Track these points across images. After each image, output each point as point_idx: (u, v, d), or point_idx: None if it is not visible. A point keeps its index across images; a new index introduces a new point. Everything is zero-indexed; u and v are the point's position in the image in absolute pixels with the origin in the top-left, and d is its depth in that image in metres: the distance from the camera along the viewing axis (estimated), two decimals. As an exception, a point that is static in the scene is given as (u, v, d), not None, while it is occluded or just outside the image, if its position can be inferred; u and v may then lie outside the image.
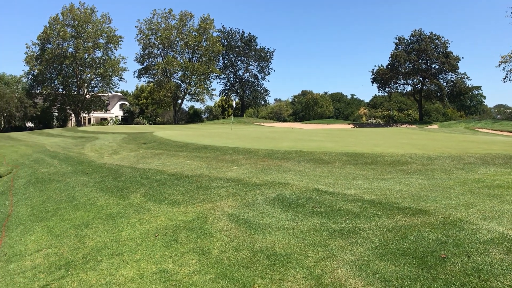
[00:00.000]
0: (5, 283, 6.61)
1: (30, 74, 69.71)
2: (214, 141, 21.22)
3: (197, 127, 53.06)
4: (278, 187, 9.67)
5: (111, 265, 6.39)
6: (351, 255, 5.54)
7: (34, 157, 24.68)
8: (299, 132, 33.82)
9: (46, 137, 43.63)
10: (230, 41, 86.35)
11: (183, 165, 14.91)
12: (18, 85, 76.89)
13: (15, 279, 6.68)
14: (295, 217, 7.39)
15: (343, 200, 8.05)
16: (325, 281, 4.94)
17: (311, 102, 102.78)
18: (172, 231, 7.51)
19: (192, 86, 78.16)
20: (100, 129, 48.55)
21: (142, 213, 9.16)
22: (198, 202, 9.34)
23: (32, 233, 9.37)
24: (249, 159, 14.51)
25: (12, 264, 7.53)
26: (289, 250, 5.94)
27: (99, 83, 73.73)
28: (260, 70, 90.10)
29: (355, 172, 11.26)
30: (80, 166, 17.96)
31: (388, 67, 74.91)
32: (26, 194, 14.10)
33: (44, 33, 66.75)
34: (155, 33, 75.47)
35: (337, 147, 16.32)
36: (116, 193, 11.60)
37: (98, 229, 8.52)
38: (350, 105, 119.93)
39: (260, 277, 5.25)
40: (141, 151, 20.93)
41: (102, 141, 29.31)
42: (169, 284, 5.43)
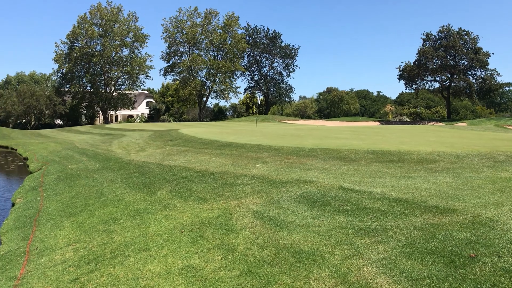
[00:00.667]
0: (37, 276, 6.80)
1: (59, 73, 71.33)
2: (239, 139, 21.29)
3: (221, 125, 53.33)
4: (303, 185, 9.64)
5: (139, 260, 6.50)
6: (377, 253, 5.49)
7: (63, 154, 25.25)
8: (324, 130, 33.64)
9: (75, 134, 44.57)
10: (254, 39, 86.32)
11: (209, 162, 15.02)
12: (48, 83, 78.88)
13: (46, 273, 6.86)
14: (320, 215, 7.36)
15: (369, 198, 7.98)
16: (351, 279, 4.91)
17: (336, 99, 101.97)
18: (198, 227, 7.58)
19: (217, 83, 78.53)
20: (127, 127, 49.31)
21: (168, 209, 9.28)
22: (223, 199, 9.40)
23: (62, 228, 9.61)
24: (274, 157, 14.52)
25: (43, 258, 7.74)
26: (314, 247, 5.93)
27: (126, 81, 74.87)
28: (285, 67, 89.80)
29: (381, 170, 11.14)
30: (108, 163, 18.28)
31: (415, 64, 73.64)
32: (56, 190, 14.45)
33: (73, 32, 68.10)
34: (181, 31, 76.06)
35: (363, 145, 16.16)
36: (143, 190, 11.77)
37: (125, 225, 8.67)
38: (376, 102, 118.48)
39: (285, 274, 5.25)
40: (167, 148, 21.16)
41: (129, 138, 29.77)
42: (195, 279, 5.49)
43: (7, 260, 8.14)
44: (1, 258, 8.38)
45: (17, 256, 8.24)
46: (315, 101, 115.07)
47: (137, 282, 5.68)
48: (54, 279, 6.51)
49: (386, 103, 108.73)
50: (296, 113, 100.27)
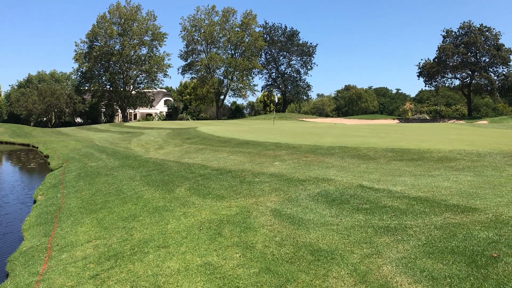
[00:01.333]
0: (58, 272, 6.91)
1: (79, 71, 72.40)
2: (256, 137, 21.30)
3: (239, 123, 53.42)
4: (322, 183, 9.60)
5: (158, 257, 6.55)
6: (397, 252, 5.44)
7: (83, 152, 25.60)
8: (342, 128, 33.43)
9: (94, 132, 45.15)
10: (272, 36, 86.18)
11: (226, 160, 15.06)
12: (68, 82, 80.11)
13: (67, 269, 6.97)
14: (339, 213, 7.32)
15: (389, 197, 7.90)
16: (370, 278, 4.87)
17: (354, 97, 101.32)
18: (216, 224, 7.61)
19: (235, 81, 78.67)
20: (145, 125, 49.76)
21: (187, 206, 9.33)
22: (241, 197, 9.41)
23: (82, 224, 9.74)
24: (292, 155, 14.48)
25: (64, 254, 7.86)
26: (333, 246, 5.89)
27: (144, 80, 75.58)
28: (303, 65, 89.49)
29: (401, 168, 11.02)
30: (127, 161, 18.48)
31: (435, 61, 72.63)
32: (76, 187, 14.66)
33: (92, 31, 68.97)
34: (199, 30, 76.37)
35: (382, 143, 16.02)
36: (161, 187, 11.87)
37: (144, 222, 8.76)
38: (395, 100, 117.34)
39: (304, 272, 5.24)
40: (185, 146, 21.29)
41: (148, 136, 30.03)
42: (214, 277, 5.51)
43: (29, 256, 8.29)
44: (23, 254, 8.54)
45: (39, 252, 8.39)
46: (333, 99, 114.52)
47: (157, 279, 5.72)
48: (75, 275, 6.61)
49: (405, 100, 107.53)
50: (313, 111, 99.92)
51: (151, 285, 5.57)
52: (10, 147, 41.01)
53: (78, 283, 6.23)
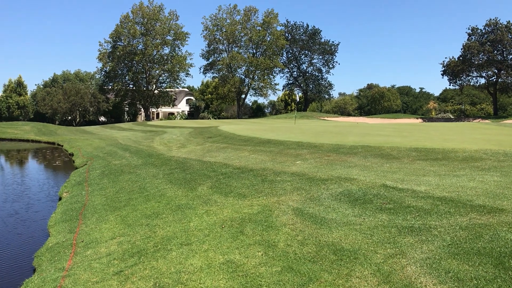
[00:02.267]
0: (83, 268, 7.03)
1: (102, 71, 73.47)
2: (278, 136, 21.27)
3: (260, 122, 53.45)
4: (344, 182, 9.53)
5: (181, 254, 6.61)
6: (421, 253, 5.36)
7: (107, 150, 25.98)
8: (364, 127, 33.13)
9: (118, 131, 45.76)
10: (294, 35, 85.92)
11: (248, 158, 15.08)
12: (92, 81, 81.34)
13: (92, 265, 7.09)
14: (362, 213, 7.26)
15: (413, 197, 7.80)
16: (394, 278, 4.82)
17: (377, 95, 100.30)
18: (238, 223, 7.63)
19: (256, 80, 78.72)
20: (168, 124, 50.20)
21: (209, 204, 9.39)
22: (263, 196, 9.42)
23: (106, 221, 9.89)
24: (314, 154, 14.42)
25: (89, 251, 7.99)
26: (356, 246, 5.85)
27: (166, 79, 76.23)
28: (324, 64, 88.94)
29: (425, 168, 10.86)
30: (150, 159, 18.67)
31: (460, 59, 71.34)
32: (101, 185, 14.88)
33: (116, 31, 69.89)
34: (220, 29, 76.67)
35: (405, 142, 15.81)
36: (184, 185, 11.96)
37: (167, 219, 8.84)
38: (419, 98, 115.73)
39: (326, 271, 5.21)
40: (207, 145, 21.41)
41: (170, 135, 30.30)
42: (236, 274, 5.53)
43: (55, 252, 8.46)
44: (49, 250, 8.71)
45: (64, 248, 8.55)
46: (355, 97, 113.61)
47: (180, 276, 5.77)
48: (100, 271, 6.72)
49: (429, 99, 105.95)
50: (335, 110, 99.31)
51: (174, 282, 5.62)
52: (36, 145, 41.88)
53: (103, 279, 6.33)
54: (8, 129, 53.64)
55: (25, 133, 50.75)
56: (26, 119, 71.27)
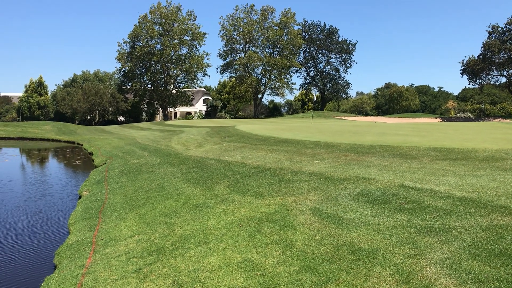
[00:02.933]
0: (103, 265, 7.12)
1: (121, 71, 74.25)
2: (295, 135, 21.23)
3: (277, 121, 53.38)
4: (362, 182, 9.47)
5: (199, 252, 6.65)
6: (441, 253, 5.30)
7: (126, 149, 26.25)
8: (382, 126, 32.85)
9: (136, 130, 46.20)
10: (311, 34, 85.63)
11: (265, 158, 15.09)
12: (111, 81, 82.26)
13: (111, 262, 7.17)
14: (380, 213, 7.21)
15: (432, 197, 7.71)
16: (413, 278, 4.77)
17: (395, 95, 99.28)
18: (256, 222, 7.64)
19: (273, 80, 78.70)
20: (185, 123, 50.52)
21: (226, 203, 9.42)
22: (280, 195, 9.41)
23: (125, 220, 10.00)
24: (331, 153, 14.36)
25: (108, 248, 8.09)
26: (374, 246, 5.81)
27: (184, 79, 76.67)
28: (342, 63, 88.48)
29: (444, 168, 10.73)
30: (168, 158, 18.81)
31: (479, 58, 70.13)
32: (120, 184, 15.05)
33: (134, 31, 70.57)
34: (237, 29, 76.82)
35: (424, 142, 15.64)
36: (201, 184, 12.02)
37: (185, 218, 8.90)
38: (437, 98, 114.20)
39: (345, 271, 5.19)
40: (224, 144, 21.48)
41: (188, 135, 30.47)
42: (254, 273, 5.54)
43: (75, 249, 8.58)
44: (70, 247, 8.85)
45: (84, 246, 8.67)
46: (373, 97, 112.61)
47: (198, 274, 5.81)
48: (119, 268, 6.80)
49: (448, 99, 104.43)
50: (353, 110, 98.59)
51: (192, 280, 5.66)
52: (56, 144, 42.53)
53: (122, 276, 6.41)
54: (29, 129, 54.59)
55: (46, 132, 51.59)
56: (46, 118, 72.41)
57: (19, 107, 69.58)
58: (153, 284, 5.82)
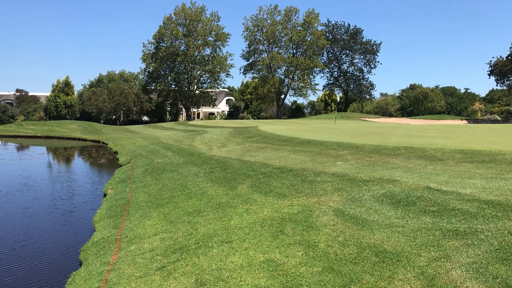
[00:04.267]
0: (127, 263, 7.23)
1: (146, 71, 75.11)
2: (318, 136, 21.13)
3: (299, 122, 53.23)
4: (386, 184, 9.38)
5: (221, 251, 6.69)
6: (467, 257, 5.21)
7: (150, 149, 26.56)
8: (407, 128, 32.42)
9: (160, 130, 46.71)
10: (335, 35, 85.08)
11: (287, 158, 15.07)
12: (136, 81, 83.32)
13: (136, 260, 7.28)
14: (405, 215, 7.12)
15: (458, 200, 7.58)
16: (438, 282, 4.70)
17: (420, 96, 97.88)
18: (278, 222, 7.65)
19: (296, 81, 78.52)
20: (208, 123, 50.83)
21: (249, 203, 9.45)
22: (303, 196, 9.39)
23: (149, 218, 10.13)
24: (355, 155, 14.25)
25: (133, 246, 8.20)
26: (399, 248, 5.75)
27: (207, 80, 77.15)
28: (366, 64, 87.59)
29: (470, 170, 10.53)
30: (191, 158, 18.97)
31: (508, 58, 68.60)
32: (144, 182, 15.24)
33: (159, 32, 71.35)
34: (261, 30, 76.91)
35: (450, 144, 15.37)
36: (224, 184, 12.08)
37: (208, 217, 8.96)
38: (464, 99, 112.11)
39: (368, 273, 5.15)
40: (246, 144, 21.53)
41: (211, 135, 30.66)
42: (276, 273, 5.55)
43: (100, 246, 8.73)
44: (95, 244, 9.01)
45: (109, 243, 8.81)
46: (397, 98, 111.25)
47: (221, 273, 5.85)
48: (143, 266, 6.89)
49: (475, 100, 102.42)
50: (377, 111, 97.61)
51: (215, 279, 5.70)
52: (82, 143, 43.33)
53: (146, 274, 6.49)
54: (56, 128, 55.77)
55: (72, 131, 52.61)
56: (72, 118, 73.77)
57: (47, 107, 71.06)
58: (177, 282, 5.88)
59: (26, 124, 60.13)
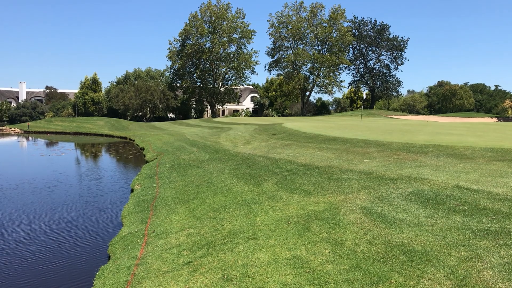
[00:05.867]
0: (154, 257, 7.32)
1: (172, 69, 75.83)
2: (343, 133, 20.96)
3: (324, 119, 52.88)
4: (415, 182, 9.23)
5: (247, 248, 6.70)
6: (499, 257, 5.09)
7: (176, 145, 26.82)
8: (435, 125, 31.85)
9: (186, 127, 47.09)
10: (361, 31, 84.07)
11: (313, 156, 14.99)
12: (162, 78, 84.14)
13: (163, 255, 7.36)
14: (434, 214, 7.00)
15: (489, 199, 7.41)
16: (470, 282, 4.61)
17: (448, 93, 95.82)
18: (304, 219, 7.62)
19: (321, 77, 77.94)
20: (233, 120, 50.98)
21: (274, 200, 9.44)
22: (329, 193, 9.33)
23: (176, 213, 10.23)
24: (382, 152, 14.07)
25: (160, 241, 8.30)
26: (428, 247, 5.65)
27: (232, 76, 77.33)
28: (393, 60, 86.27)
29: (502, 169, 10.27)
30: (216, 154, 19.07)
31: (541, 54, 66.56)
32: (170, 178, 15.40)
33: (185, 29, 71.86)
34: (286, 26, 76.59)
35: (480, 142, 15.03)
36: (250, 181, 12.10)
37: (234, 213, 8.99)
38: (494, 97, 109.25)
39: (397, 272, 5.08)
40: (271, 141, 21.51)
41: (236, 132, 30.74)
42: (303, 271, 5.53)
43: (128, 241, 8.87)
44: (123, 239, 9.16)
45: (137, 238, 8.95)
46: (424, 95, 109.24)
47: (247, 269, 5.86)
48: (170, 261, 6.96)
49: (505, 98, 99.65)
50: (403, 108, 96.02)
51: (241, 275, 5.72)
52: (109, 139, 44.07)
53: (173, 268, 6.56)
54: (84, 124, 56.88)
55: (99, 128, 53.56)
56: (100, 114, 75.04)
57: (75, 103, 72.46)
58: (203, 277, 5.93)
59: (55, 121, 61.56)
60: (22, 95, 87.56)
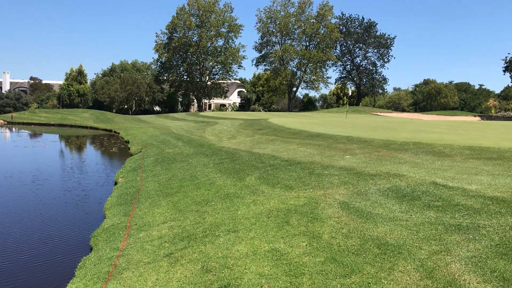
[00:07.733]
0: (136, 249, 7.44)
1: (158, 62, 75.53)
2: (328, 129, 21.20)
3: (310, 115, 53.20)
4: (393, 178, 9.46)
5: (228, 240, 6.86)
6: (467, 251, 5.32)
7: (161, 139, 26.83)
8: (418, 123, 32.31)
9: (171, 120, 47.00)
10: (348, 28, 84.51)
11: (296, 151, 15.19)
12: (148, 71, 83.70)
13: (144, 246, 7.48)
14: (409, 209, 7.22)
15: (463, 195, 7.66)
16: (437, 274, 4.82)
17: (433, 91, 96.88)
18: (284, 213, 7.79)
19: (308, 73, 78.25)
20: (219, 115, 51.02)
21: (256, 194, 9.60)
22: (310, 188, 9.52)
23: (159, 206, 10.34)
24: (363, 149, 14.32)
25: (142, 233, 8.42)
26: (401, 241, 5.86)
27: (219, 71, 77.28)
28: (379, 58, 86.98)
29: (478, 166, 10.57)
30: (201, 148, 19.17)
31: (524, 55, 67.67)
32: (154, 172, 15.47)
33: (172, 22, 71.55)
34: (274, 21, 76.65)
35: (459, 140, 15.37)
36: (233, 175, 12.25)
37: (216, 207, 9.14)
38: (478, 96, 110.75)
39: (369, 264, 5.28)
40: (256, 136, 21.67)
41: (221, 126, 30.84)
42: (280, 262, 5.70)
43: (110, 233, 8.97)
44: (105, 231, 9.25)
45: (119, 230, 9.04)
46: (410, 93, 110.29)
47: (226, 261, 6.02)
48: (151, 252, 7.09)
49: (489, 97, 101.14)
50: (389, 106, 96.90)
51: (221, 266, 5.87)
52: (94, 132, 43.81)
53: (154, 260, 6.69)
54: (68, 116, 56.41)
55: (84, 120, 53.18)
56: (85, 106, 74.44)
57: (60, 95, 71.78)
58: (183, 268, 6.06)
59: (40, 112, 60.94)
60: (6, 85, 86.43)
